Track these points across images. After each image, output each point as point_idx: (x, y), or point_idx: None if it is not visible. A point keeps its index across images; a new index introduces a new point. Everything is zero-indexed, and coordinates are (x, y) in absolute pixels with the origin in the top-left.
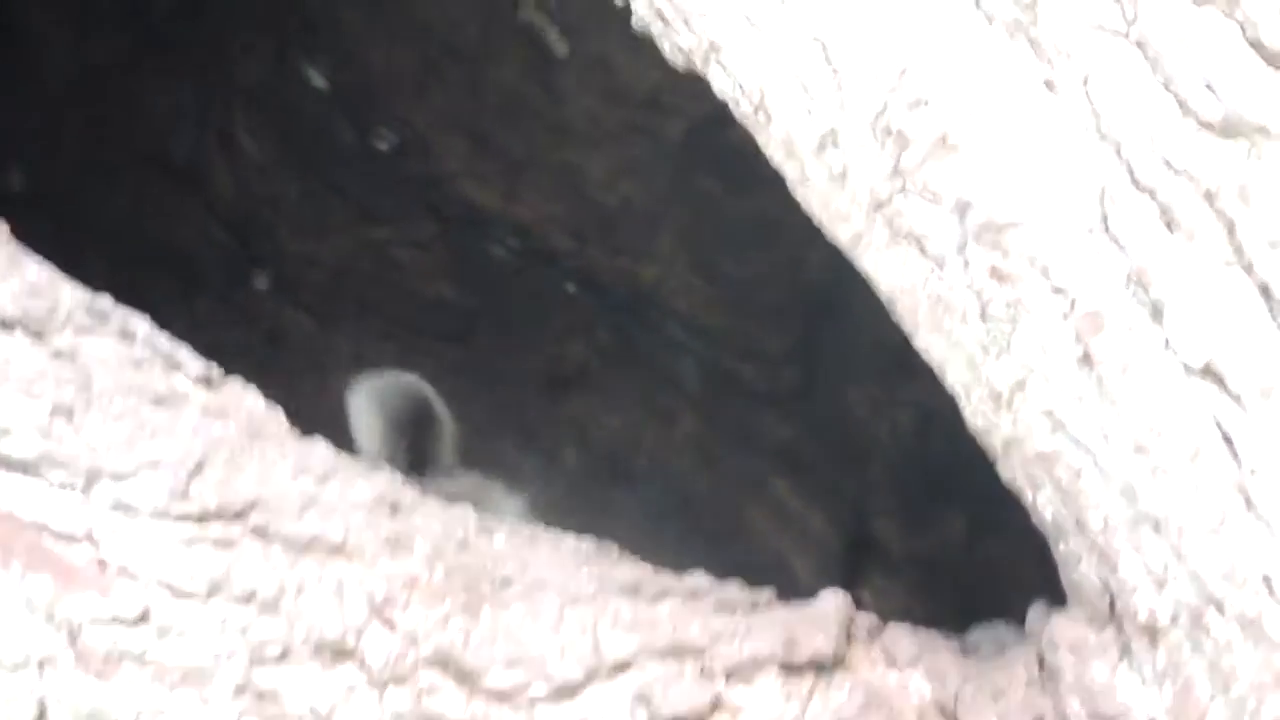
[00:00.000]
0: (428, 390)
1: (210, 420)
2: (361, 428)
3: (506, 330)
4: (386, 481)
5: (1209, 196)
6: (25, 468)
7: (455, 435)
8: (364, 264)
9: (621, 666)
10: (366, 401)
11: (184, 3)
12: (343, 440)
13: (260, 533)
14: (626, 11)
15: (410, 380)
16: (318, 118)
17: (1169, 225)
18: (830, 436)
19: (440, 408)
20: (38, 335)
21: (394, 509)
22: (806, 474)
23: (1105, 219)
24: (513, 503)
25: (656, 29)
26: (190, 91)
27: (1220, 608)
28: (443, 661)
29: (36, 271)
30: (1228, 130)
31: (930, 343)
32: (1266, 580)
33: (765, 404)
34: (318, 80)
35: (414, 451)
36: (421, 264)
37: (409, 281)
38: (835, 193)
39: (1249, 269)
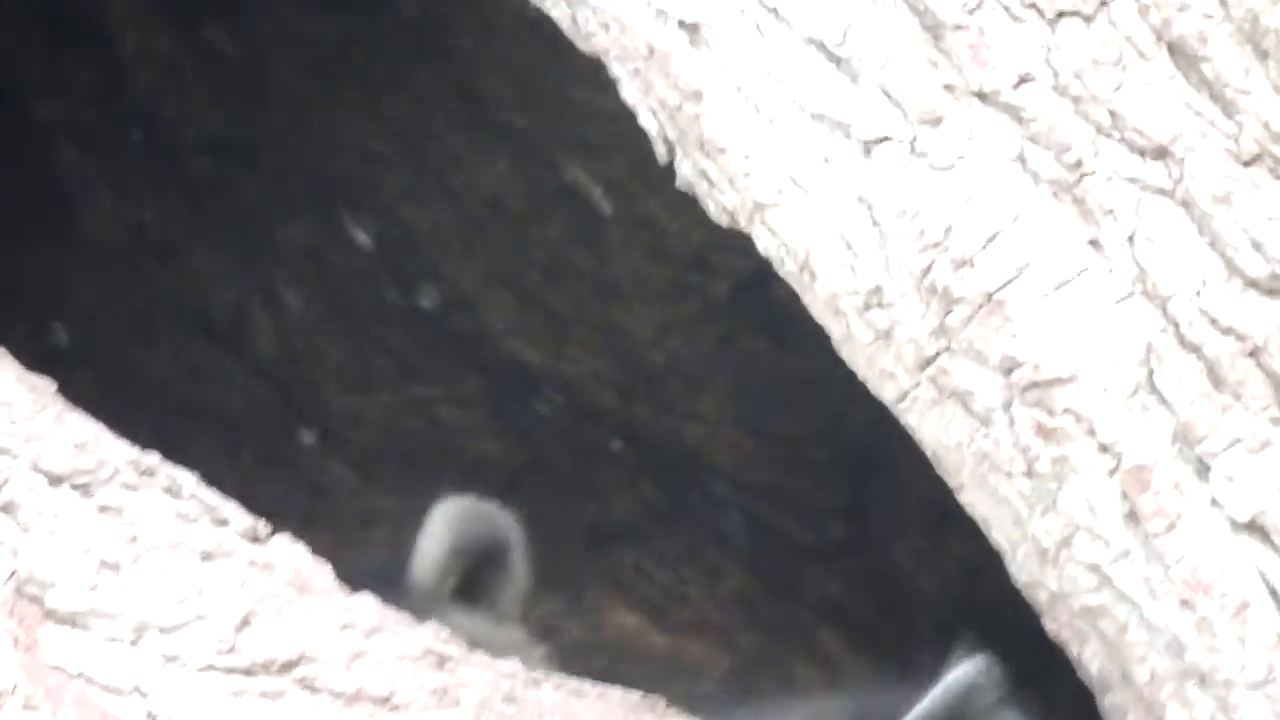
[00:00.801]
0: (509, 524)
1: (257, 574)
2: (427, 544)
3: (551, 487)
4: (434, 634)
5: (1255, 353)
6: (73, 620)
7: (523, 576)
8: (409, 421)
9: None
10: (442, 519)
11: (227, 162)
12: (389, 595)
13: (307, 685)
14: (671, 171)
15: (492, 510)
16: (362, 276)
17: (1215, 382)
18: (877, 590)
19: (516, 541)
20: (85, 490)
21: (441, 661)
22: (854, 627)
23: (1151, 376)
24: (537, 652)
25: (701, 189)
26: (233, 250)
27: None
28: None
29: (83, 428)
30: (1274, 287)
31: (976, 499)
32: None
33: (812, 558)
34: (362, 238)
35: (471, 582)
36: (466, 421)
37: (454, 438)
38: (880, 351)
39: None
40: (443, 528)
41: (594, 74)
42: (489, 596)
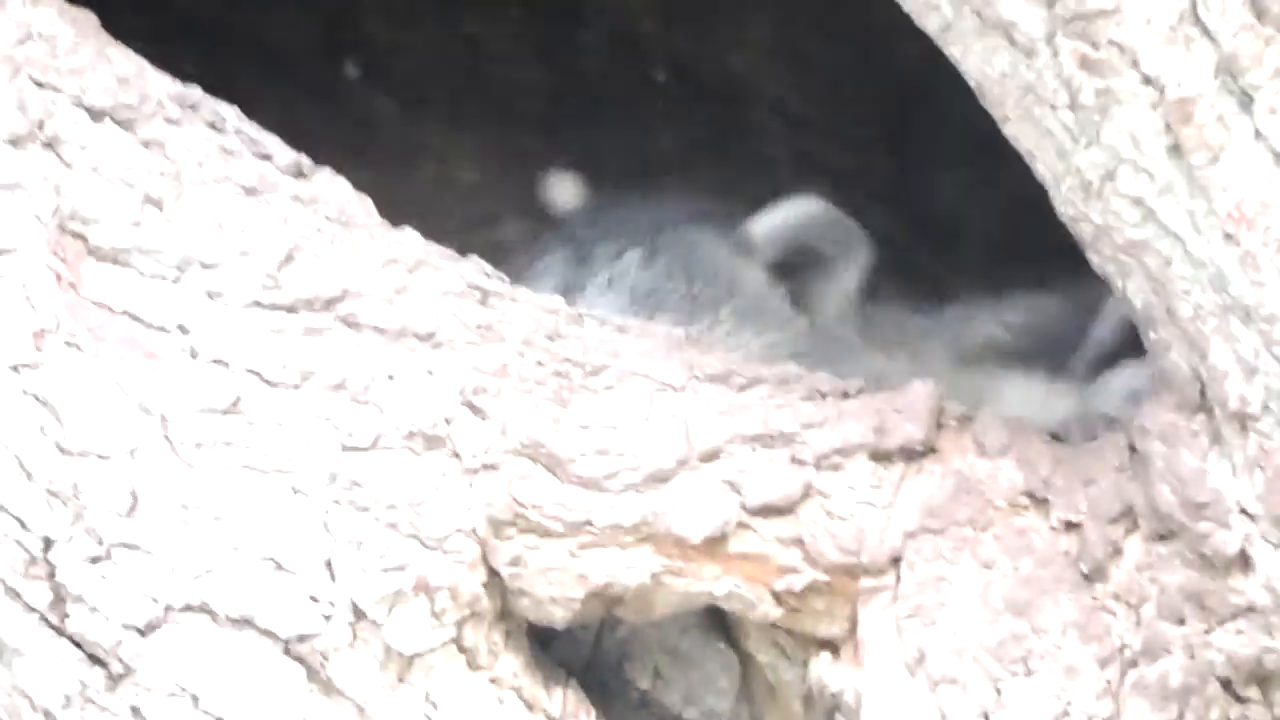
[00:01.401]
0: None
1: (300, 209)
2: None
3: (596, 117)
4: (476, 270)
5: None
6: (116, 257)
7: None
8: (453, 51)
9: (712, 454)
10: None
11: None
12: (432, 229)
13: (350, 321)
14: None
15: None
16: None
17: (1258, 14)
18: (921, 221)
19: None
20: (128, 125)
21: (485, 297)
22: (897, 259)
23: (1195, 7)
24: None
25: None
26: None
27: None
28: (533, 449)
29: (125, 62)
30: None
31: (1020, 131)
32: None
33: (856, 189)
34: None
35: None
36: (510, 51)
37: (498, 69)
38: None
39: None
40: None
41: None
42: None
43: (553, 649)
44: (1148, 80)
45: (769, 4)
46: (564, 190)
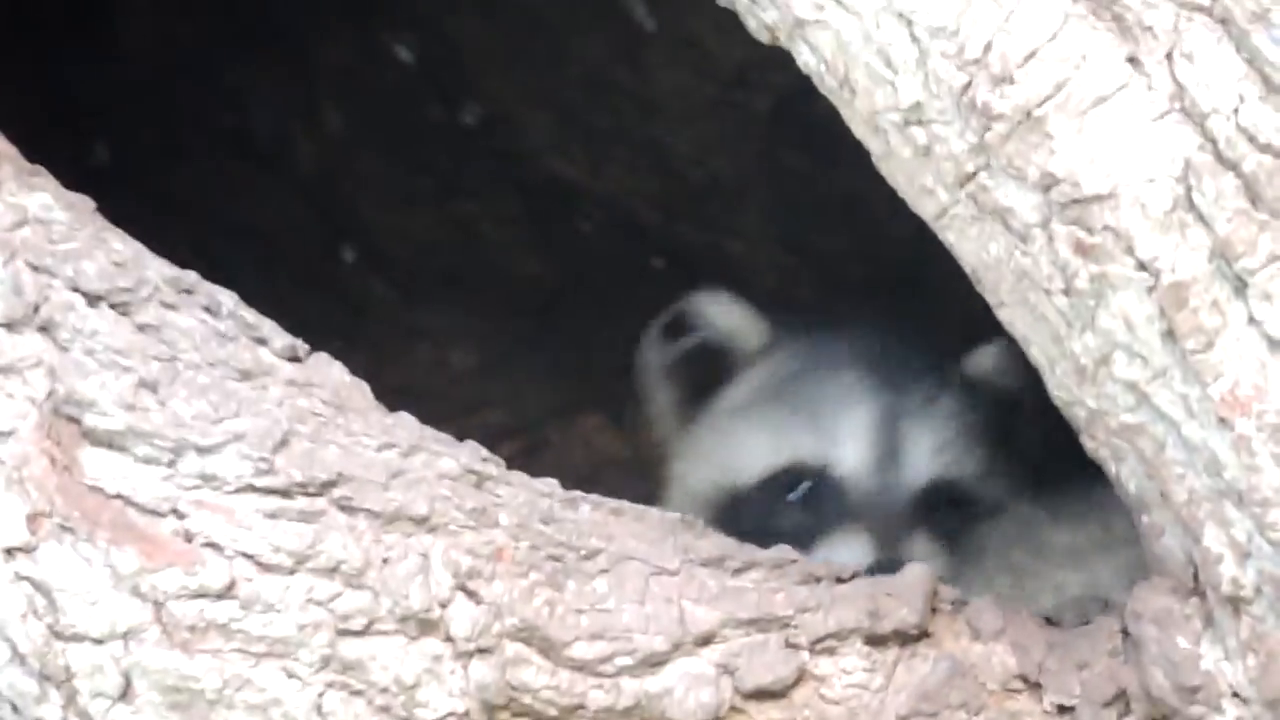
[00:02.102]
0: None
1: (296, 394)
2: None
3: (592, 305)
4: (471, 454)
5: None
6: (111, 441)
7: None
8: (449, 238)
9: (707, 638)
10: None
11: None
12: (427, 412)
13: (345, 505)
14: None
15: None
16: (403, 93)
17: (1253, 199)
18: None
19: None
20: (123, 309)
21: (480, 481)
22: None
23: (1189, 193)
24: None
25: (742, 5)
26: (274, 68)
27: None
28: (528, 633)
29: (123, 246)
30: None
31: (1015, 316)
32: None
33: None
34: (404, 55)
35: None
36: (507, 238)
37: (494, 256)
38: (920, 168)
39: None
40: None
41: None
42: None
43: None
44: (1142, 265)
45: (765, 191)
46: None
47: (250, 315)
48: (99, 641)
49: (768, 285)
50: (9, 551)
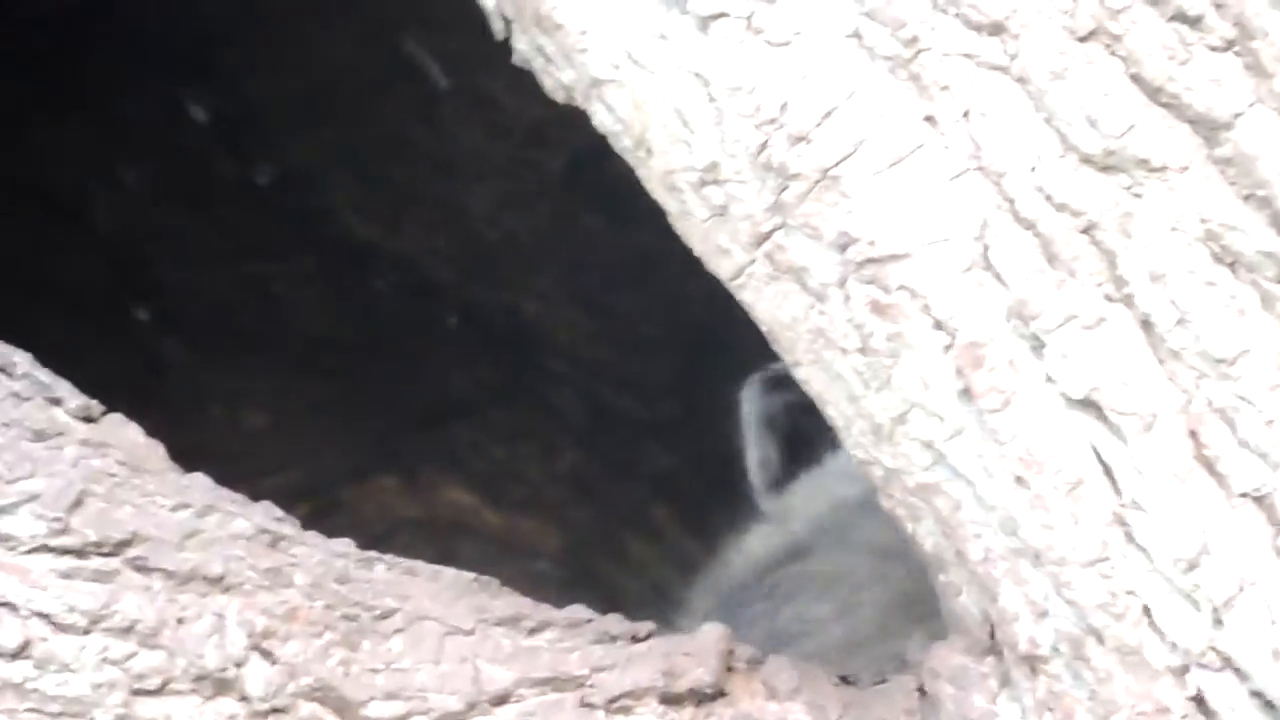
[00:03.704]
0: None
1: (90, 454)
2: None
3: (387, 363)
4: (265, 515)
5: (1089, 229)
6: None
7: None
8: (245, 297)
9: (502, 697)
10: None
11: (66, 37)
12: (221, 474)
13: (140, 565)
14: (507, 46)
15: None
16: (199, 151)
17: (1050, 259)
18: (709, 466)
19: None
20: None
21: (275, 541)
22: (686, 503)
23: (986, 252)
24: None
25: (537, 64)
26: (73, 125)
27: (1100, 638)
28: (323, 692)
29: None
30: (1109, 164)
31: (811, 375)
32: (1146, 611)
33: (646, 435)
34: (199, 113)
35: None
36: (302, 297)
37: (290, 315)
38: (716, 227)
39: (1129, 302)
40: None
41: None
42: None
43: None
44: (939, 324)
45: (561, 250)
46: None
47: (44, 376)
48: None
49: (562, 345)
50: None
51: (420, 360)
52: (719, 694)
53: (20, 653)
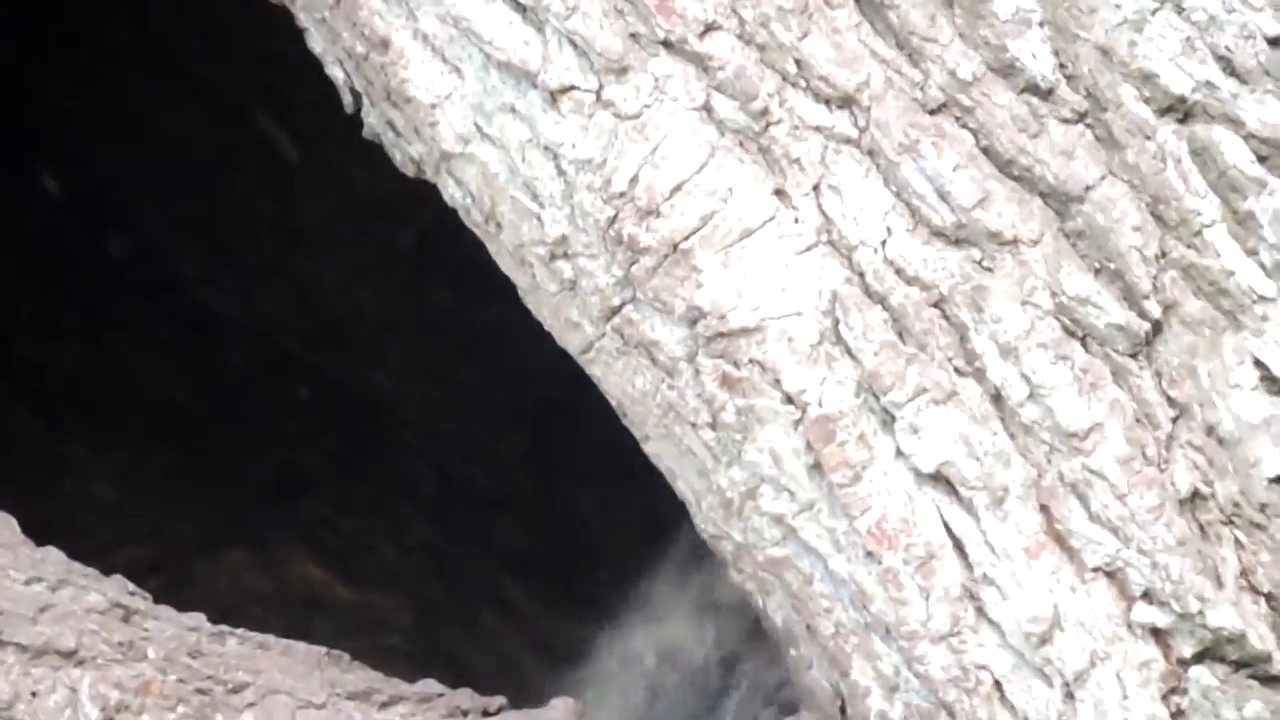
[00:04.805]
0: None
1: None
2: None
3: (239, 436)
4: (118, 589)
5: (940, 303)
6: None
7: None
8: (97, 369)
9: None
10: None
11: None
12: (74, 546)
13: None
14: (358, 120)
15: None
16: (52, 224)
17: (900, 332)
18: (562, 540)
19: None
20: None
21: (128, 615)
22: (539, 577)
23: (836, 326)
24: None
25: (388, 138)
26: None
27: (951, 713)
28: None
29: None
30: (960, 237)
31: (661, 450)
32: (998, 685)
33: (497, 508)
34: (51, 185)
35: None
36: (155, 369)
37: (142, 386)
38: (566, 301)
39: (980, 376)
40: None
41: (283, 23)
42: None
43: None
44: (789, 399)
45: (411, 323)
46: None
47: None
48: None
49: (413, 418)
50: None
51: (271, 432)
52: None
53: None
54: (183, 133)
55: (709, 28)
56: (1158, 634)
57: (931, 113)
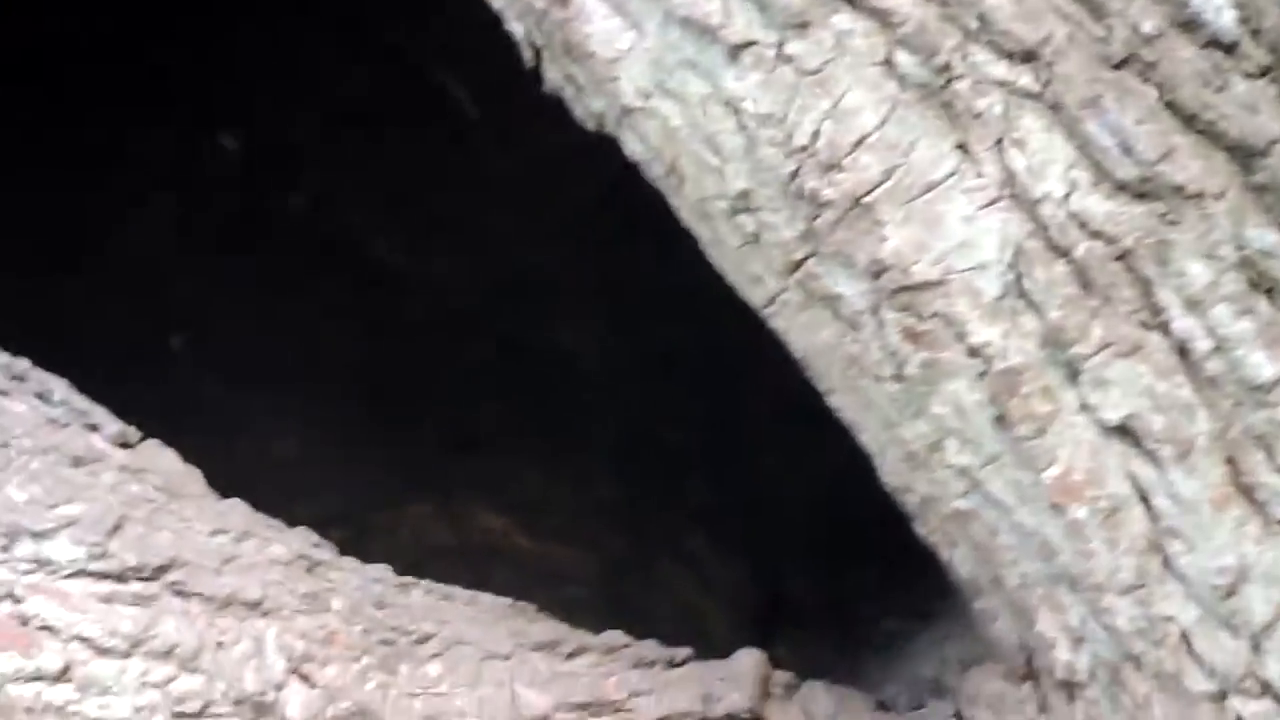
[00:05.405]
0: None
1: (128, 480)
2: None
3: (418, 391)
4: (303, 540)
5: (1124, 256)
6: None
7: None
8: (275, 327)
9: None
10: None
11: (86, 74)
12: (258, 500)
13: (179, 590)
14: (538, 75)
15: None
16: (229, 180)
17: (1084, 286)
18: (746, 494)
19: None
20: None
21: (312, 566)
22: (723, 532)
23: (1020, 280)
24: None
25: (568, 93)
26: (104, 155)
27: (1138, 664)
28: (361, 717)
29: None
30: (1143, 190)
31: (845, 403)
32: (1184, 637)
33: (681, 463)
34: (230, 143)
35: None
36: (334, 326)
37: (321, 343)
38: (748, 255)
39: (1165, 329)
40: None
41: None
42: None
43: None
44: (974, 352)
45: (594, 279)
46: None
47: (82, 402)
48: None
49: (597, 374)
50: None
51: (454, 387)
52: (756, 719)
53: (61, 676)
54: (361, 90)
55: None
56: None
57: (1115, 67)
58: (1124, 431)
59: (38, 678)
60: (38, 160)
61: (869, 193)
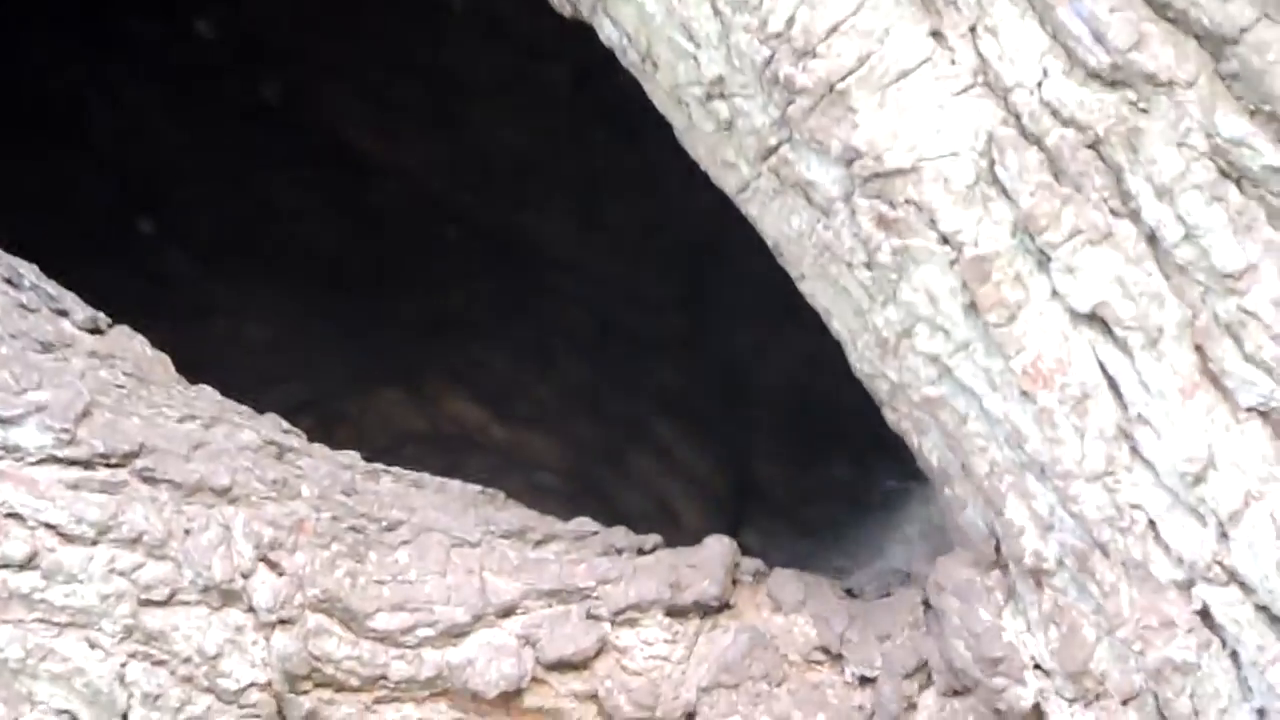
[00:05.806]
0: None
1: (97, 365)
2: None
3: (388, 275)
4: (272, 426)
5: (1096, 144)
6: None
7: None
8: (247, 210)
9: (508, 609)
10: None
11: None
12: (225, 385)
13: (148, 476)
14: None
15: None
16: (203, 67)
17: (1056, 174)
18: (716, 381)
19: None
20: None
21: (281, 453)
22: (692, 419)
23: (992, 167)
24: None
25: None
26: (72, 41)
27: (1106, 552)
28: (329, 604)
29: None
30: (1115, 79)
31: (816, 289)
32: (1152, 524)
33: (651, 350)
34: (205, 30)
35: None
36: (304, 210)
37: (291, 227)
38: (722, 141)
39: (1136, 217)
40: None
41: None
42: None
43: None
44: (945, 239)
45: (565, 164)
46: None
47: (51, 287)
48: None
49: (566, 260)
50: None
51: (421, 272)
52: (724, 606)
53: (28, 563)
54: None
55: None
56: None
57: None
58: (1094, 319)
59: (4, 565)
60: (8, 42)
61: (843, 79)
